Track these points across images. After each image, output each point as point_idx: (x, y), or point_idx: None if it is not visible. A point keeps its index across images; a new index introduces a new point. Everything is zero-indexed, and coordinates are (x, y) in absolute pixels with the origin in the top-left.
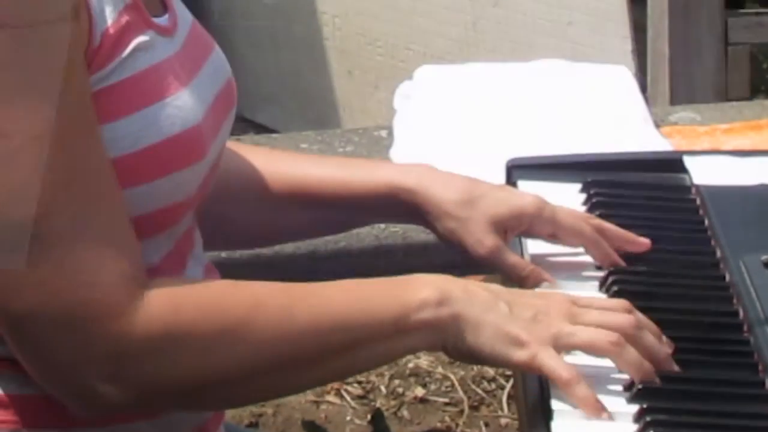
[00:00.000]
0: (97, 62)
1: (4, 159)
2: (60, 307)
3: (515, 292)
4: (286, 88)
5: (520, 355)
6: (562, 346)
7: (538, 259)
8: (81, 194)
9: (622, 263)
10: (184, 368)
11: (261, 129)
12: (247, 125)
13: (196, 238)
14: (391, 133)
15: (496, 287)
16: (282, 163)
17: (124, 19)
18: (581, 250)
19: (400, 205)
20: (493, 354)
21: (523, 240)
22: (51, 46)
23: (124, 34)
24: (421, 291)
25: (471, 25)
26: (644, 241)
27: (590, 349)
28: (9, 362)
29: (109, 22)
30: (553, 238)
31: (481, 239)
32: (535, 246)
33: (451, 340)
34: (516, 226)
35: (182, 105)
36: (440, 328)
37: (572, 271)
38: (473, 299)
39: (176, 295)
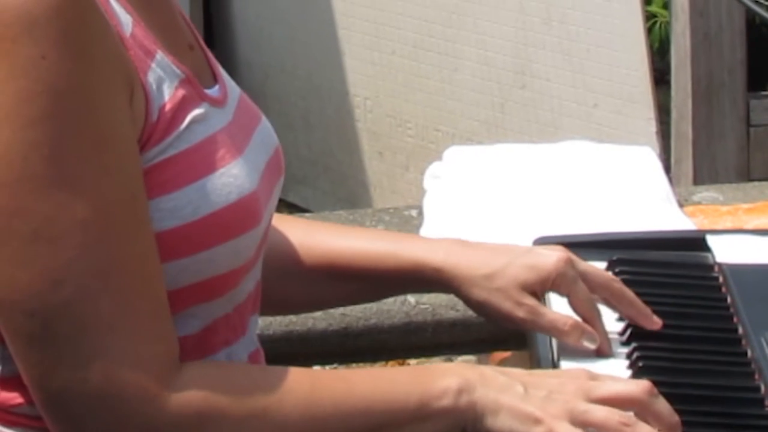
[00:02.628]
0: (156, 137)
1: (49, 243)
2: (96, 387)
3: (531, 373)
4: (318, 169)
5: (536, 431)
6: (577, 423)
7: (566, 352)
8: (124, 280)
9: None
10: None
11: (294, 208)
12: (280, 204)
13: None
14: (421, 213)
15: (513, 371)
16: (316, 236)
17: (180, 93)
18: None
19: (428, 281)
20: None
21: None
22: (103, 134)
23: (180, 108)
24: (442, 380)
25: (499, 107)
26: (657, 320)
27: (603, 429)
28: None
29: (166, 97)
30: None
31: (516, 303)
32: None
33: (470, 425)
34: (544, 288)
35: (238, 173)
36: (460, 415)
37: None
38: (490, 384)
39: (207, 380)
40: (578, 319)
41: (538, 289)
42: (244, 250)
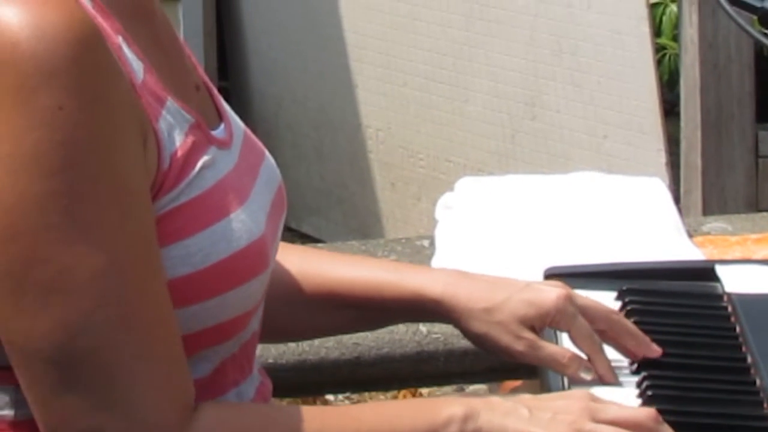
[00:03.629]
0: (168, 184)
1: (67, 293)
2: (115, 430)
3: (537, 397)
4: (330, 199)
5: None
6: None
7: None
8: (141, 327)
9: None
10: None
11: (306, 239)
12: (293, 235)
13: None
14: (433, 243)
15: (518, 396)
16: (316, 264)
17: (190, 139)
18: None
19: (428, 312)
20: None
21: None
22: (119, 183)
23: (191, 154)
24: (447, 408)
25: (509, 138)
26: (656, 349)
27: None
28: None
29: (177, 144)
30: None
31: (515, 337)
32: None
33: None
34: (543, 324)
35: (246, 218)
36: None
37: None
38: (496, 409)
39: (223, 423)
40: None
41: (537, 325)
42: (254, 293)
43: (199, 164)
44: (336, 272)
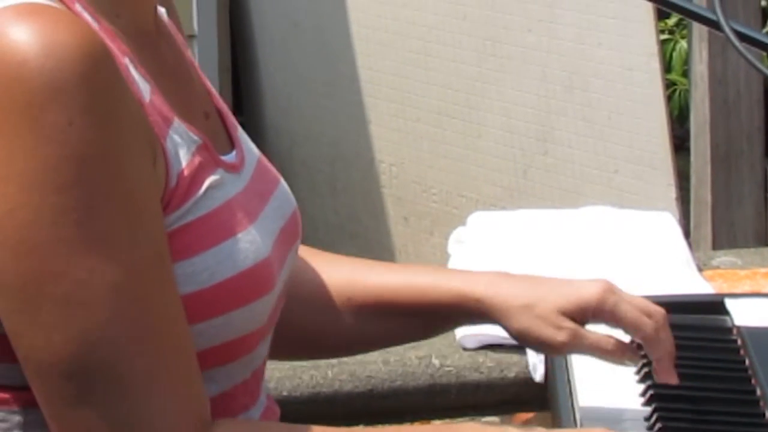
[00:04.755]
0: (174, 202)
1: (82, 306)
2: None
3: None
4: (344, 234)
5: None
6: None
7: (588, 412)
8: (156, 340)
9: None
10: None
11: None
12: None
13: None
14: None
15: (536, 429)
16: (363, 273)
17: (197, 159)
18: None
19: (471, 313)
20: None
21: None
22: (131, 197)
23: (197, 174)
24: None
25: (521, 173)
26: (674, 379)
27: None
28: None
29: (184, 163)
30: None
31: (557, 328)
32: (583, 398)
33: None
34: (581, 318)
35: (252, 239)
36: None
37: (619, 406)
38: None
39: None
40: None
41: (577, 317)
42: (258, 315)
43: (206, 184)
44: (381, 279)
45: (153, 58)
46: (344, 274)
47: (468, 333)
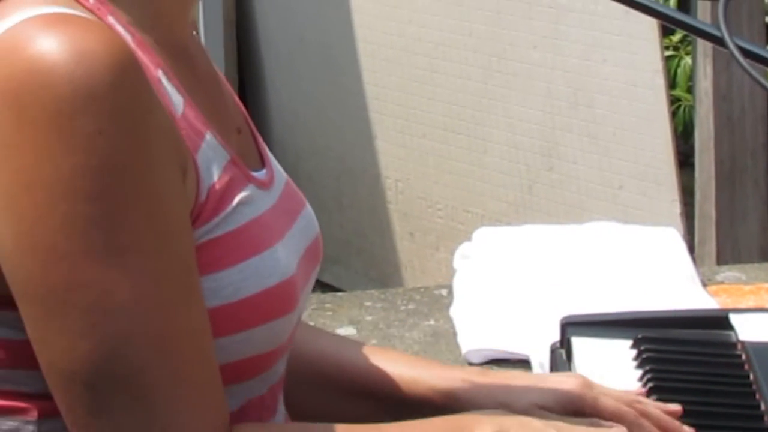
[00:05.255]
0: (204, 216)
1: (107, 315)
2: None
3: (569, 419)
4: (350, 249)
5: None
6: None
7: None
8: (180, 349)
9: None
10: None
11: (327, 288)
12: (314, 284)
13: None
14: (451, 292)
15: (549, 415)
16: (345, 352)
17: (228, 174)
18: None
19: (446, 410)
20: None
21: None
22: (159, 208)
23: (228, 189)
24: (477, 427)
25: (527, 189)
26: (687, 430)
27: None
28: None
29: (215, 178)
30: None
31: (542, 424)
32: None
33: None
34: (564, 412)
35: (279, 257)
36: None
37: None
38: (526, 428)
39: None
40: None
41: (558, 413)
42: (280, 333)
43: (237, 199)
44: (361, 362)
45: (187, 72)
46: (320, 348)
47: (473, 348)
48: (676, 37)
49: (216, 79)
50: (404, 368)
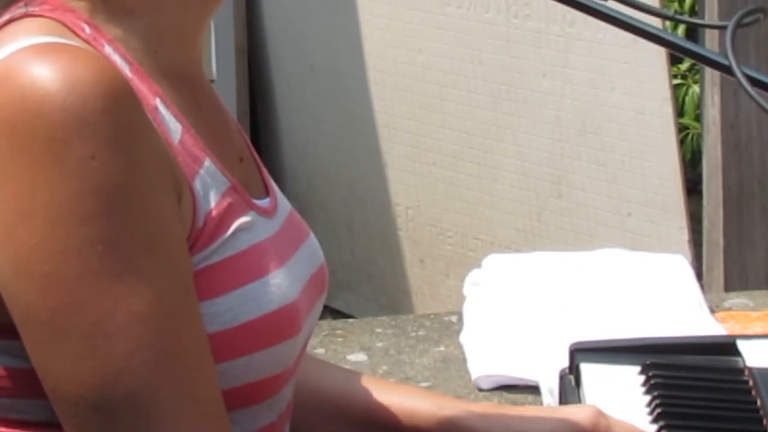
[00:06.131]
0: (201, 242)
1: (108, 337)
2: None
3: None
4: (361, 275)
5: None
6: None
7: None
8: (182, 370)
9: None
10: None
11: (337, 314)
12: (324, 311)
13: None
14: (461, 319)
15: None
16: (355, 385)
17: (227, 201)
18: None
19: None
20: None
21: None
22: (154, 230)
23: (226, 215)
24: None
25: (536, 216)
26: None
27: None
28: None
29: (213, 204)
30: None
31: None
32: None
33: None
34: None
35: (280, 282)
36: None
37: None
38: None
39: None
40: None
41: None
42: (283, 358)
43: (234, 226)
44: (373, 396)
45: (189, 100)
46: (336, 383)
47: (483, 374)
48: (684, 66)
49: (219, 109)
50: (420, 402)
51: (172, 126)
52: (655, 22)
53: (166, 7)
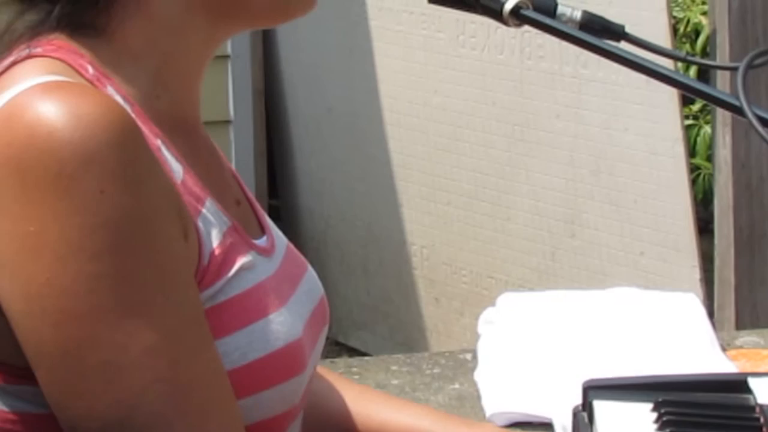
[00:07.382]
0: (206, 280)
1: (121, 371)
2: None
3: None
4: (376, 314)
5: None
6: None
7: None
8: (195, 401)
9: None
10: None
11: (353, 352)
12: (341, 348)
13: None
14: (475, 356)
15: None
16: (368, 404)
17: (228, 240)
18: None
19: None
20: None
21: None
22: (165, 263)
23: (229, 254)
24: None
25: (549, 255)
26: None
27: None
28: None
29: (215, 243)
30: None
31: None
32: None
33: None
34: None
35: (284, 321)
36: None
37: None
38: None
39: None
40: None
41: None
42: (290, 395)
43: (237, 265)
44: (385, 415)
45: (188, 143)
46: (351, 400)
47: (497, 411)
48: (695, 107)
49: (214, 153)
50: (427, 423)
51: (174, 166)
52: (667, 64)
53: (170, 53)
